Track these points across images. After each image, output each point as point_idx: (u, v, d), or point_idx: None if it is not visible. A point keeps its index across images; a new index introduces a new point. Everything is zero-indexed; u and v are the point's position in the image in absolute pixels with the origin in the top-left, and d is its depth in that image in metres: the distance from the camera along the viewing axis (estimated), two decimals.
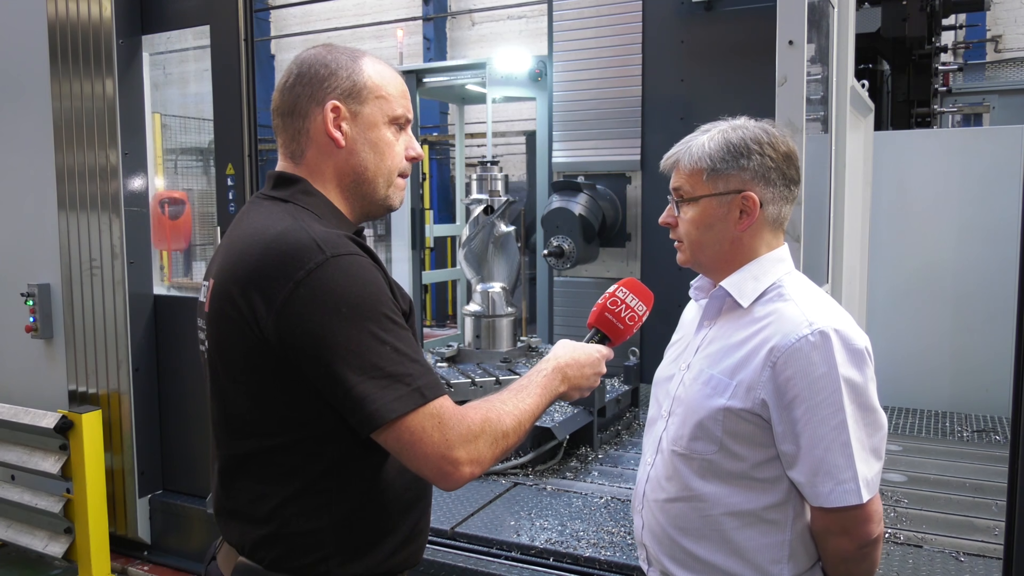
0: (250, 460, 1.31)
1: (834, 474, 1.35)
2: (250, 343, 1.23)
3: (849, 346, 1.37)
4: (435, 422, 1.20)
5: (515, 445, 1.32)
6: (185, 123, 4.15)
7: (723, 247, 1.50)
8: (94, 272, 3.76)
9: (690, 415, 1.47)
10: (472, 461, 1.23)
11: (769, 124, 1.52)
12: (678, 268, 1.64)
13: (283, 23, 14.89)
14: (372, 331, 1.19)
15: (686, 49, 4.79)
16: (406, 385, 1.20)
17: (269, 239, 1.23)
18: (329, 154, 1.36)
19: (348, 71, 1.36)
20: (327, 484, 1.29)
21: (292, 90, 1.37)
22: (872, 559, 1.43)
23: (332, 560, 1.30)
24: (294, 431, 1.27)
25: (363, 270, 1.23)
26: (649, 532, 1.57)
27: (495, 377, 3.86)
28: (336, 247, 1.22)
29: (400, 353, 1.21)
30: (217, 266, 1.32)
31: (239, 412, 1.30)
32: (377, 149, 1.38)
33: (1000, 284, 4.30)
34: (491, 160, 4.63)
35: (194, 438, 3.78)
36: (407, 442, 1.20)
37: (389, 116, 1.39)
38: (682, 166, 1.52)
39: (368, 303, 1.21)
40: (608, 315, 1.57)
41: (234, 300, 1.24)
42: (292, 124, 1.37)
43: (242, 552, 1.33)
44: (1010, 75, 9.96)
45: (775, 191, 1.49)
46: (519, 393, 1.36)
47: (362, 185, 1.39)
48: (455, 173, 6.50)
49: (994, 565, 2.57)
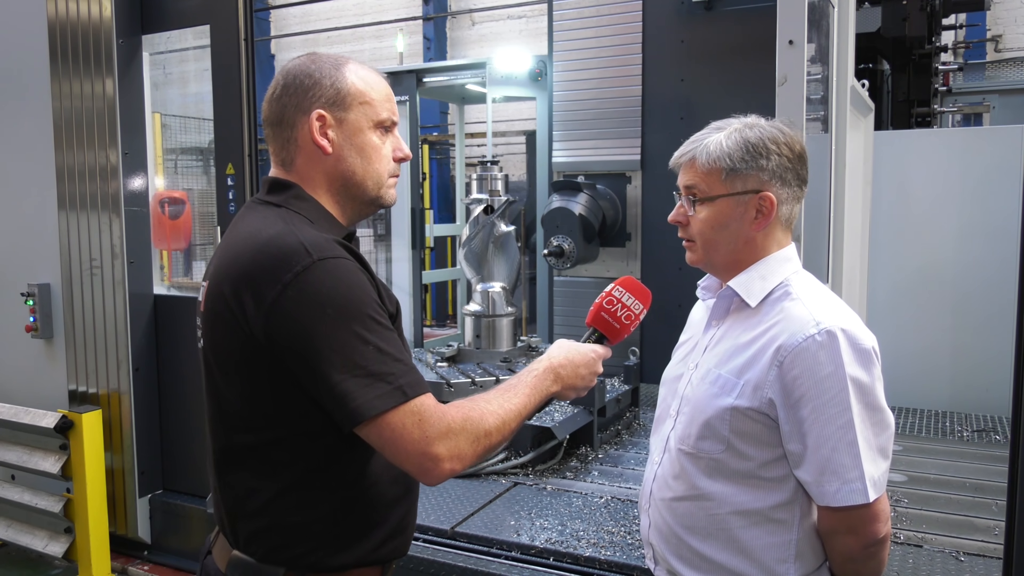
0: (242, 455, 1.35)
1: (840, 473, 1.35)
2: (241, 341, 1.28)
3: (856, 346, 1.37)
4: (415, 419, 1.25)
5: (499, 443, 1.35)
6: (185, 123, 4.15)
7: (737, 246, 1.49)
8: (94, 272, 3.76)
9: (697, 414, 1.47)
10: (452, 457, 1.26)
11: (783, 123, 1.52)
12: (678, 268, 1.65)
13: (283, 23, 14.89)
14: (356, 331, 1.24)
15: (686, 49, 4.79)
16: (388, 383, 1.24)
17: (261, 243, 1.29)
18: (318, 161, 1.41)
19: (331, 79, 1.39)
20: (317, 479, 1.34)
21: (279, 100, 1.41)
22: (879, 559, 1.44)
23: (322, 551, 1.35)
24: (284, 427, 1.31)
25: (348, 273, 1.28)
26: (656, 531, 1.57)
27: (495, 377, 3.86)
28: (323, 251, 1.26)
29: (383, 352, 1.25)
30: (213, 267, 1.37)
31: (231, 408, 1.35)
32: (364, 154, 1.42)
33: (1000, 284, 4.29)
34: (491, 160, 4.63)
35: (194, 438, 3.78)
36: (388, 438, 1.24)
37: (374, 120, 1.42)
38: (699, 164, 1.48)
39: (353, 304, 1.25)
40: (604, 314, 1.57)
41: (226, 300, 1.29)
42: (281, 133, 1.42)
43: (236, 546, 1.38)
44: (1010, 75, 9.95)
45: (789, 191, 1.49)
46: (506, 393, 1.39)
47: (351, 188, 1.43)
48: (455, 173, 6.49)
49: (994, 565, 2.57)
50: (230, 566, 1.38)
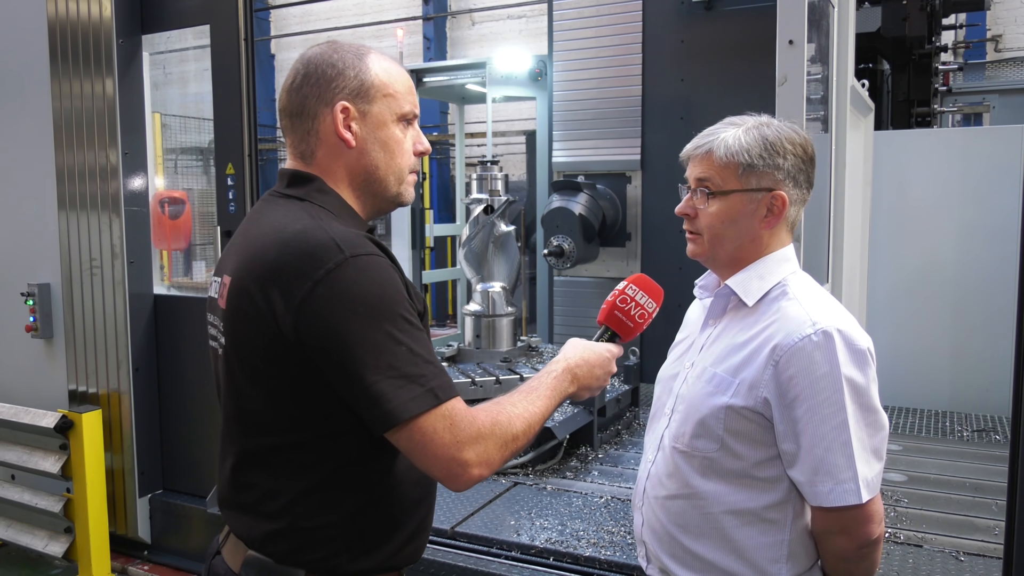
0: (264, 456, 1.32)
1: (834, 474, 1.34)
2: (268, 340, 1.24)
3: (852, 346, 1.37)
4: (447, 423, 1.21)
5: (524, 447, 1.33)
6: (185, 123, 4.15)
7: (743, 243, 1.49)
8: (94, 272, 3.76)
9: (692, 412, 1.47)
10: (481, 463, 1.24)
11: (796, 125, 1.52)
12: (678, 268, 1.64)
13: (283, 23, 14.89)
14: (388, 331, 1.21)
15: (686, 49, 4.79)
16: (420, 386, 1.21)
17: (288, 237, 1.24)
18: (340, 154, 1.36)
19: (355, 70, 1.35)
20: (339, 480, 1.30)
21: (299, 91, 1.36)
22: (872, 559, 1.43)
23: (342, 555, 1.32)
24: (308, 428, 1.28)
25: (381, 270, 1.24)
26: (649, 529, 1.57)
27: (495, 377, 3.86)
28: (355, 247, 1.23)
29: (415, 354, 1.22)
30: (234, 263, 1.32)
31: (254, 408, 1.31)
32: (387, 147, 1.38)
33: (1000, 284, 4.30)
34: (491, 160, 4.63)
35: (194, 438, 3.78)
36: (418, 442, 1.21)
37: (397, 113, 1.39)
38: (715, 157, 1.46)
39: (385, 303, 1.22)
40: (618, 313, 1.55)
41: (252, 297, 1.24)
42: (301, 125, 1.37)
43: (252, 546, 1.34)
44: (1010, 75, 9.96)
45: (799, 192, 1.49)
46: (529, 395, 1.36)
47: (373, 184, 1.39)
48: (455, 173, 6.49)
49: (994, 565, 2.57)
50: (245, 565, 1.34)
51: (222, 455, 1.41)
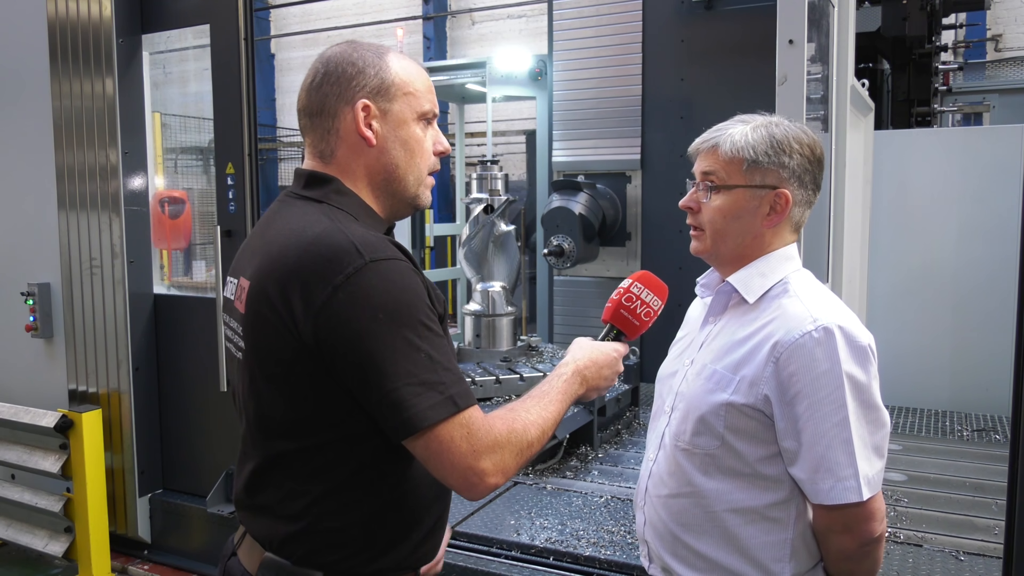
0: (284, 459, 1.31)
1: (835, 471, 1.34)
2: (287, 344, 1.23)
3: (853, 343, 1.36)
4: (464, 432, 1.21)
5: (538, 453, 1.32)
6: (185, 122, 4.14)
7: (745, 240, 1.49)
8: (94, 271, 3.76)
9: (692, 410, 1.47)
10: (497, 472, 1.24)
11: (806, 126, 1.52)
12: (678, 267, 1.64)
13: (283, 22, 14.90)
14: (408, 338, 1.20)
15: (686, 48, 4.79)
16: (439, 393, 1.20)
17: (308, 240, 1.23)
18: (360, 153, 1.35)
19: (376, 68, 1.34)
20: (359, 483, 1.30)
21: (319, 89, 1.35)
22: (874, 558, 1.43)
23: (360, 556, 1.32)
24: (327, 432, 1.27)
25: (401, 275, 1.23)
26: (651, 528, 1.56)
27: (495, 376, 3.86)
28: (375, 251, 1.21)
29: (434, 361, 1.21)
30: (253, 267, 1.31)
31: (274, 413, 1.30)
32: (407, 147, 1.37)
33: (1000, 283, 4.30)
34: (491, 159, 4.63)
35: (194, 438, 3.78)
36: (435, 451, 1.21)
37: (417, 112, 1.38)
38: (721, 152, 1.47)
39: (405, 309, 1.21)
40: (624, 312, 1.54)
41: (272, 302, 1.23)
42: (321, 124, 1.36)
43: (269, 548, 1.34)
44: (1010, 74, 9.96)
45: (804, 193, 1.49)
46: (541, 400, 1.35)
47: (393, 183, 1.38)
48: (455, 172, 6.50)
49: (994, 564, 2.57)
50: (263, 567, 1.34)
51: (242, 457, 1.41)
